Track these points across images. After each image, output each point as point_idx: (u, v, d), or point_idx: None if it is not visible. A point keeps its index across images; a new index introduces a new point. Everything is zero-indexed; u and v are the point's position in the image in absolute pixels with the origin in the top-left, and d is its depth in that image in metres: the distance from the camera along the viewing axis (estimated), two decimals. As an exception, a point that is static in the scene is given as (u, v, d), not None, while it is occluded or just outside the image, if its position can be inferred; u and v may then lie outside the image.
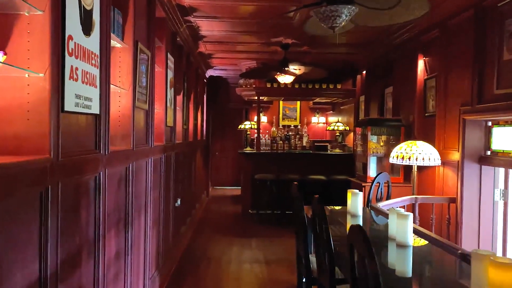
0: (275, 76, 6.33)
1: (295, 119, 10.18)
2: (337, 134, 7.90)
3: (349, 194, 3.11)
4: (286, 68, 6.10)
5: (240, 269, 4.86)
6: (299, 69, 6.10)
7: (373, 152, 5.30)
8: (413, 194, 4.40)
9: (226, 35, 5.85)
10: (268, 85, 7.64)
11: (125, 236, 3.01)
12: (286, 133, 9.75)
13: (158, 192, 4.23)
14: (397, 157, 4.25)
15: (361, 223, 2.98)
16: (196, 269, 4.82)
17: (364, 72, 7.18)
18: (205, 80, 9.09)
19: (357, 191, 3.12)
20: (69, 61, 1.91)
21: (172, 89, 4.84)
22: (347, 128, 7.75)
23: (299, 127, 9.99)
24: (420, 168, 4.65)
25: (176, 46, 5.23)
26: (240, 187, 11.02)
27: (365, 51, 6.66)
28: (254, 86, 7.57)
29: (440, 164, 4.26)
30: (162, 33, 4.32)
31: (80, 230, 2.15)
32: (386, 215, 3.24)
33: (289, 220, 7.33)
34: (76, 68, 2.00)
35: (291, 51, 6.34)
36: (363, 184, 5.16)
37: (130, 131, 3.07)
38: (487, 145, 3.95)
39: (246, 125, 7.83)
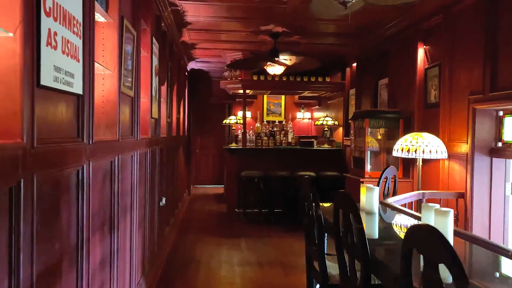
0: (265, 67, 5.99)
1: (280, 114, 9.86)
2: (326, 129, 7.63)
3: (363, 189, 2.79)
4: (276, 58, 5.76)
5: (232, 273, 4.49)
6: (290, 59, 5.77)
7: (370, 146, 5.02)
8: (418, 189, 4.15)
9: (213, 22, 5.46)
10: (255, 78, 7.29)
11: (110, 240, 2.61)
12: (271, 129, 9.43)
13: (144, 190, 3.82)
14: (402, 150, 3.98)
15: (377, 222, 2.67)
16: (184, 274, 4.42)
17: (355, 64, 6.93)
18: (186, 74, 8.66)
19: (371, 185, 2.80)
20: (46, 22, 1.51)
21: (157, 77, 4.43)
22: (336, 123, 7.50)
23: (284, 122, 9.66)
24: (422, 161, 4.40)
25: (161, 32, 4.82)
26: (222, 186, 10.68)
27: (355, 42, 6.40)
28: (240, 78, 7.20)
29: (446, 158, 4.01)
30: (147, 14, 3.90)
31: (60, 235, 1.75)
32: (401, 213, 2.95)
33: (279, 219, 7.01)
34: (55, 33, 1.59)
35: (281, 42, 6.01)
36: (361, 180, 4.88)
37: (115, 119, 2.67)
38: (498, 136, 3.72)
39: (231, 119, 7.46)
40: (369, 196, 2.67)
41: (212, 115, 10.89)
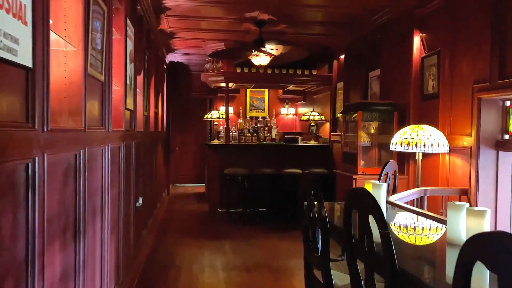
0: (249, 57, 5.61)
1: (263, 110, 9.51)
2: (312, 124, 7.33)
3: (367, 186, 2.46)
4: (262, 48, 5.40)
5: (217, 278, 4.11)
6: (277, 49, 5.42)
7: (361, 142, 4.71)
8: (417, 186, 3.85)
9: (193, 7, 5.05)
10: (238, 70, 6.91)
11: (75, 248, 2.19)
12: (254, 125, 9.06)
13: (117, 189, 3.40)
14: (401, 144, 3.68)
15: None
16: (164, 281, 4.01)
17: (343, 56, 6.63)
18: (165, 66, 8.21)
19: (377, 182, 2.47)
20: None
21: (132, 64, 4.00)
22: (323, 118, 7.19)
23: (267, 118, 9.31)
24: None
25: (136, 15, 4.39)
26: (203, 184, 10.26)
27: (344, 33, 6.09)
28: (222, 71, 6.81)
29: (448, 152, 3.73)
30: (120, -9, 3.48)
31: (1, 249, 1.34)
32: (412, 213, 2.63)
33: (264, 219, 6.65)
34: (-13, -22, 1.18)
35: (266, 31, 5.65)
36: (354, 177, 4.56)
37: (80, 105, 2.25)
38: (505, 128, 3.45)
39: (213, 114, 7.06)
40: (376, 194, 2.33)
41: (192, 111, 10.45)
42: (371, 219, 1.51)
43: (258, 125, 9.07)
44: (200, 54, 7.79)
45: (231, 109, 9.32)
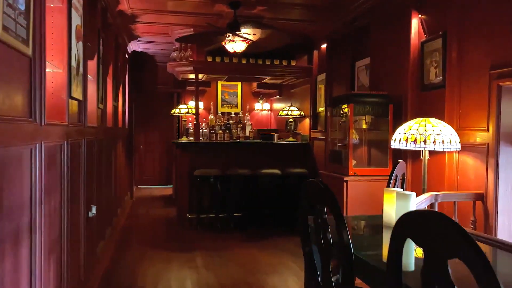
0: (223, 43, 4.94)
1: (236, 105, 8.83)
2: (290, 120, 6.72)
3: (389, 196, 1.85)
4: (237, 32, 4.73)
5: (187, 304, 3.43)
6: (254, 34, 4.77)
7: (354, 138, 4.13)
8: (423, 191, 3.30)
9: (159, -17, 4.32)
10: (209, 59, 6.21)
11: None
12: (226, 121, 8.39)
13: (59, 199, 2.66)
14: (406, 140, 3.11)
15: (413, 246, 1.73)
16: (121, 310, 3.29)
17: (325, 45, 6.05)
18: (127, 56, 7.39)
19: (401, 190, 1.86)
20: None
21: (81, 44, 3.24)
22: (302, 113, 6.60)
23: (240, 114, 8.65)
24: (418, 156, 3.58)
25: (87, -14, 3.62)
26: (170, 186, 9.49)
27: (326, 19, 5.51)
28: (191, 60, 6.08)
29: (459, 149, 3.19)
30: None
31: None
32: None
33: (239, 224, 6.00)
34: None
35: (241, 15, 4.98)
36: (345, 179, 3.97)
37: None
38: (528, 122, 2.94)
39: (182, 109, 6.32)
40: (403, 206, 1.72)
41: (158, 107, 9.65)
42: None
43: (231, 121, 8.40)
44: (167, 43, 7.03)
45: (201, 104, 8.59)
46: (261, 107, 8.94)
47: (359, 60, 5.03)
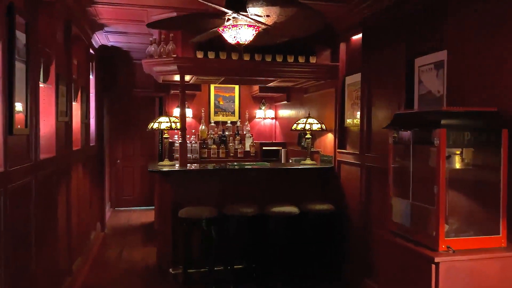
0: (219, 30, 3.28)
1: (233, 112, 7.17)
2: (308, 136, 5.08)
3: None
4: (242, 13, 3.07)
5: None
6: (268, 16, 3.12)
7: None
8: None
9: None
10: (199, 56, 4.52)
11: None
12: (221, 132, 6.76)
13: None
14: None
15: None
16: None
17: (358, 36, 4.43)
18: (92, 51, 5.69)
19: None
20: None
21: None
22: (323, 127, 4.97)
23: (238, 124, 7.01)
24: None
25: None
26: (153, 208, 7.80)
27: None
28: (174, 56, 4.40)
29: None
30: None
31: None
32: None
33: (241, 280, 4.36)
34: None
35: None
36: (436, 260, 2.30)
37: None
38: None
39: (162, 122, 4.63)
40: None
41: (137, 113, 7.95)
42: None
43: (227, 133, 6.80)
44: (144, 34, 5.34)
45: (189, 112, 6.93)
46: (264, 115, 7.29)
47: (422, 57, 3.40)
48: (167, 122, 4.62)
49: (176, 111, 6.89)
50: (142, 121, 7.60)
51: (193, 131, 6.75)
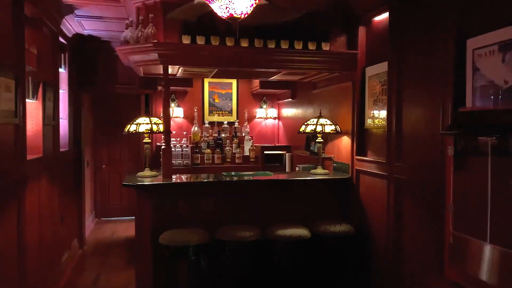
0: (207, 0, 2.42)
1: (230, 112, 6.31)
2: (319, 140, 4.21)
3: None
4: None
5: None
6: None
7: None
8: None
9: None
10: (186, 41, 3.65)
11: None
12: (216, 135, 5.91)
13: None
14: None
15: None
16: None
17: (381, 16, 3.57)
18: (63, 41, 4.83)
19: None
20: None
21: None
22: (338, 129, 4.11)
23: (236, 124, 6.16)
24: None
25: None
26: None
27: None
28: (155, 41, 3.53)
29: None
30: None
31: None
32: None
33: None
34: None
35: None
36: None
37: None
38: None
39: (141, 124, 3.75)
40: None
41: (122, 112, 7.09)
42: None
43: (223, 135, 5.94)
44: (124, 19, 4.47)
45: (179, 111, 6.07)
46: (265, 114, 6.43)
47: (478, 36, 2.54)
48: (147, 123, 3.76)
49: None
50: (128, 122, 6.73)
51: (185, 133, 5.90)
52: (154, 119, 3.85)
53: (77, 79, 5.57)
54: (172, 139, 5.78)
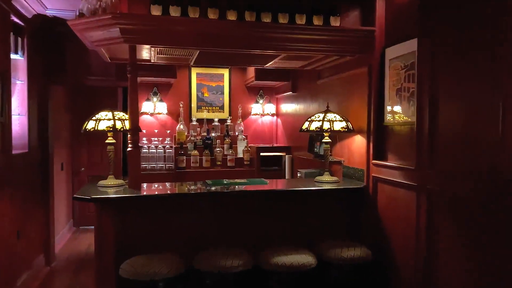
0: None
1: (222, 107, 5.52)
2: (326, 140, 3.40)
3: None
4: None
5: None
6: None
7: None
8: None
9: None
10: (156, 13, 2.85)
11: None
12: (205, 134, 5.13)
13: None
14: None
15: None
16: None
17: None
18: (20, 22, 4.04)
19: None
20: None
21: None
22: (350, 126, 3.31)
23: (229, 122, 5.36)
24: None
25: None
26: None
27: None
28: (116, 13, 2.73)
29: None
30: None
31: None
32: None
33: None
34: None
35: None
36: None
37: None
38: None
39: (101, 120, 2.95)
40: None
41: (100, 108, 6.27)
42: None
43: (213, 134, 5.15)
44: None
45: (163, 107, 5.29)
46: (262, 110, 5.64)
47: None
48: (108, 119, 2.97)
49: (146, 106, 5.26)
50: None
51: (168, 131, 5.11)
52: (119, 114, 3.06)
53: (43, 69, 4.78)
54: (153, 138, 5.00)
